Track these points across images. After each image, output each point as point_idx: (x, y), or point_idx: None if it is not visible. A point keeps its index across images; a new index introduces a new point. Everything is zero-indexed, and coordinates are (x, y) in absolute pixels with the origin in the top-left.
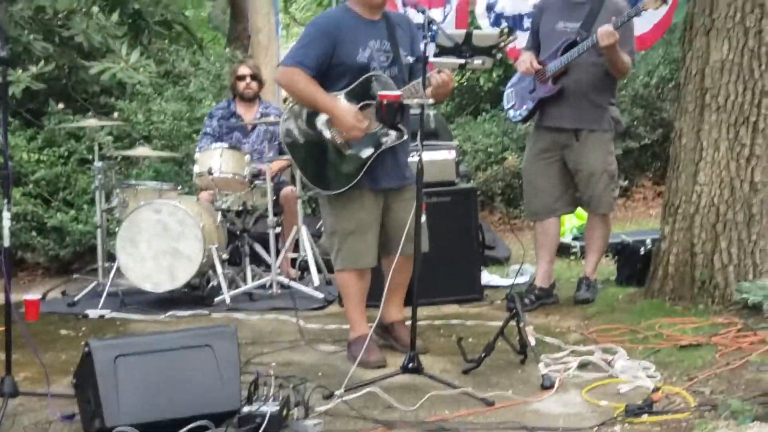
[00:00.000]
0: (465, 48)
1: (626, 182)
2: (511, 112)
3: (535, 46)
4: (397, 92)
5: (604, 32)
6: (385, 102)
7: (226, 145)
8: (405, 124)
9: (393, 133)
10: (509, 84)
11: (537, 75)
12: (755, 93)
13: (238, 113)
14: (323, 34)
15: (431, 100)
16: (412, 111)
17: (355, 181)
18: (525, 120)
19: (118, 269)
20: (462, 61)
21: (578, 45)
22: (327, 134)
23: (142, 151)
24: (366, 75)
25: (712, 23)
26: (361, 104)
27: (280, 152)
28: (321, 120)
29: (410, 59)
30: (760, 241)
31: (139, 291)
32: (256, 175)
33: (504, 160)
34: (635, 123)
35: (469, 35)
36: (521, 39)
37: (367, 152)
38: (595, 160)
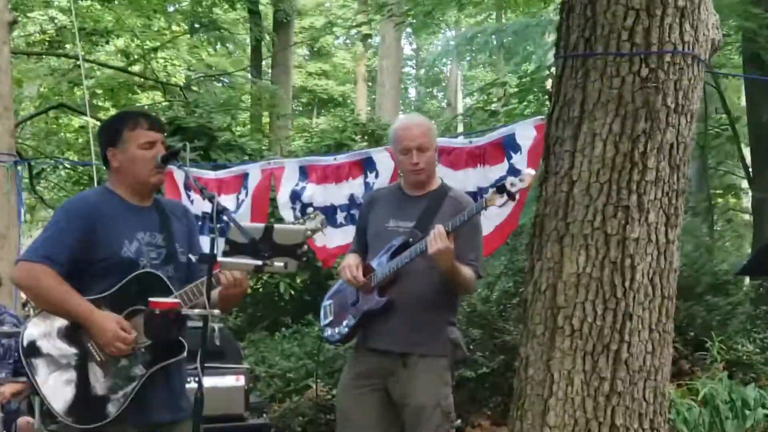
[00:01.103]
0: (263, 246)
1: (459, 421)
2: (328, 330)
3: (361, 247)
4: (172, 299)
5: (434, 235)
6: (157, 312)
7: None
8: (183, 338)
9: (168, 349)
10: (328, 294)
11: (362, 284)
12: (617, 315)
13: None
14: (78, 221)
15: (217, 311)
16: (191, 323)
17: (117, 412)
18: (345, 340)
19: None
20: (259, 262)
21: (411, 247)
22: (82, 349)
23: None
24: (134, 273)
25: (566, 228)
26: (128, 310)
27: (15, 372)
28: (79, 331)
29: (190, 257)
30: None
31: None
32: None
33: (307, 388)
34: (471, 347)
35: (268, 230)
36: (331, 236)
37: (133, 373)
38: (425, 392)
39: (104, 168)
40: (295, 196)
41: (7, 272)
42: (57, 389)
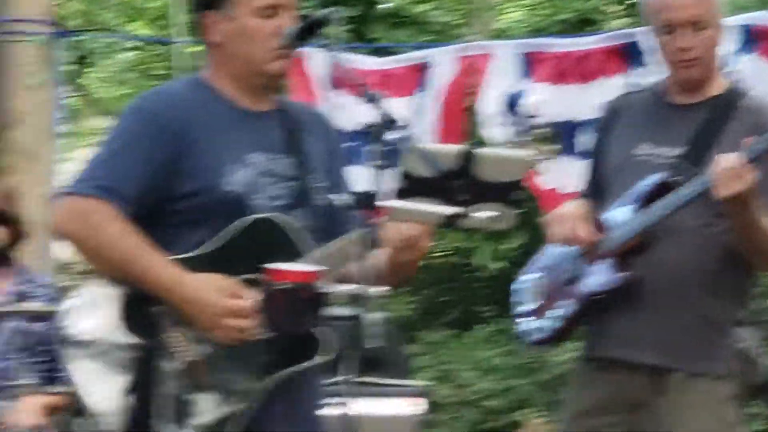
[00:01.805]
0: (458, 183)
1: None
2: (529, 323)
3: (594, 189)
4: (308, 269)
5: (724, 168)
6: (281, 287)
7: None
8: (323, 333)
9: (296, 349)
10: (530, 267)
11: (587, 249)
12: None
13: None
14: (156, 133)
15: (378, 290)
16: (336, 309)
17: None
18: (556, 339)
19: None
20: (452, 210)
21: (675, 191)
22: (166, 339)
23: None
24: (243, 221)
25: None
26: (239, 278)
27: (50, 377)
28: (154, 309)
29: (335, 198)
30: None
31: None
32: None
33: (516, 427)
34: None
35: (467, 156)
36: (566, 171)
37: (236, 384)
38: None
39: (196, 46)
40: (511, 104)
41: (35, 214)
42: (113, 404)
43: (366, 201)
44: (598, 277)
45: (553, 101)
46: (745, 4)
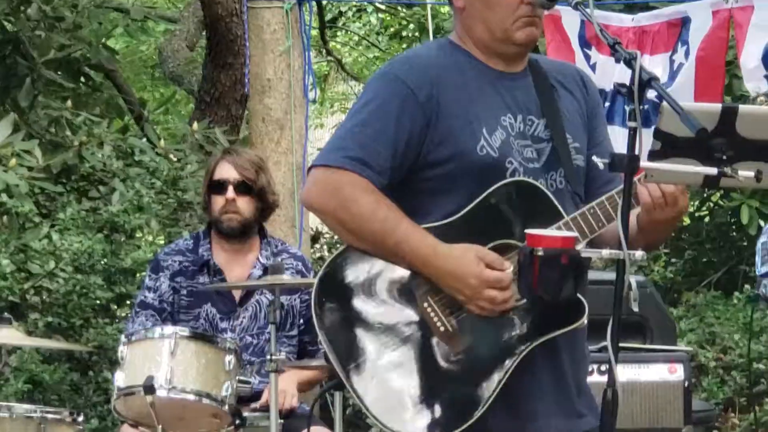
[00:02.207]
0: (719, 142)
1: None
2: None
3: None
4: (567, 233)
5: None
6: (540, 253)
7: (186, 331)
8: (582, 296)
9: (556, 315)
10: None
11: None
12: None
13: (216, 264)
14: (410, 100)
15: (639, 253)
16: (594, 274)
17: (472, 420)
18: None
19: None
20: (713, 169)
21: None
22: (416, 314)
23: (5, 335)
24: (500, 184)
25: None
26: (492, 245)
27: (302, 351)
28: (409, 281)
29: (593, 159)
30: None
31: None
32: (249, 399)
33: None
34: None
35: (729, 114)
36: None
37: (502, 353)
38: None
39: (446, 8)
40: None
41: (286, 183)
42: (377, 380)
43: (624, 162)
44: None
45: None
46: None
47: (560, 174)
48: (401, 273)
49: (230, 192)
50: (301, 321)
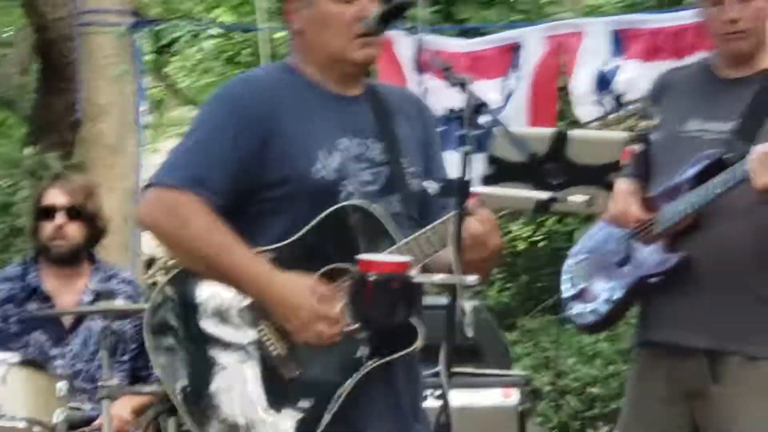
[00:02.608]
0: (551, 167)
1: None
2: (576, 307)
3: (641, 168)
4: (399, 258)
5: (760, 155)
6: (372, 278)
7: (15, 358)
8: (417, 322)
9: (391, 339)
10: (576, 248)
11: (638, 229)
12: None
13: (45, 291)
14: (245, 119)
15: (471, 278)
16: (428, 299)
17: None
18: (603, 324)
19: None
20: (544, 194)
21: (729, 169)
22: (252, 336)
23: None
24: (334, 208)
25: None
26: (323, 270)
27: (134, 377)
28: (239, 306)
29: (426, 185)
30: None
31: None
32: (80, 425)
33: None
34: None
35: (560, 139)
36: None
37: (335, 377)
38: (755, 426)
39: (281, 32)
40: (604, 82)
41: (120, 208)
42: (202, 403)
43: (456, 187)
44: (651, 258)
45: (646, 78)
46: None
47: (397, 198)
48: (235, 296)
49: (59, 218)
50: (134, 346)
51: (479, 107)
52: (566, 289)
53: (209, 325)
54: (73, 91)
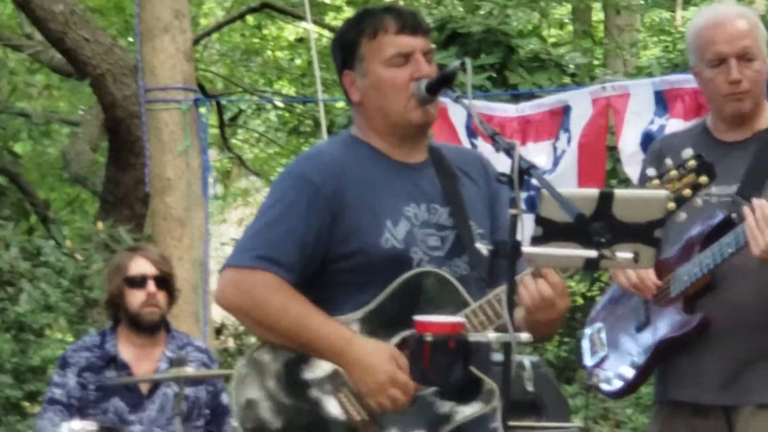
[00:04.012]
0: (599, 226)
1: None
2: (600, 374)
3: None
4: (454, 319)
5: (757, 219)
6: (429, 339)
7: (94, 426)
8: (492, 381)
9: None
10: (593, 314)
11: (655, 294)
12: None
13: (123, 360)
14: (312, 196)
15: (525, 335)
16: (496, 356)
17: None
18: (629, 390)
19: None
20: (593, 253)
21: (735, 229)
22: (332, 404)
23: None
24: (406, 276)
25: None
26: (402, 337)
27: None
28: (318, 375)
29: (481, 247)
30: None
31: None
32: None
33: None
34: None
35: (606, 198)
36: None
37: None
38: None
39: (340, 104)
40: (650, 141)
41: (189, 278)
42: None
43: (506, 249)
44: (669, 321)
45: None
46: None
47: (464, 260)
48: (320, 365)
49: (151, 286)
50: (207, 411)
51: (527, 170)
52: (588, 358)
53: (293, 396)
54: (142, 166)
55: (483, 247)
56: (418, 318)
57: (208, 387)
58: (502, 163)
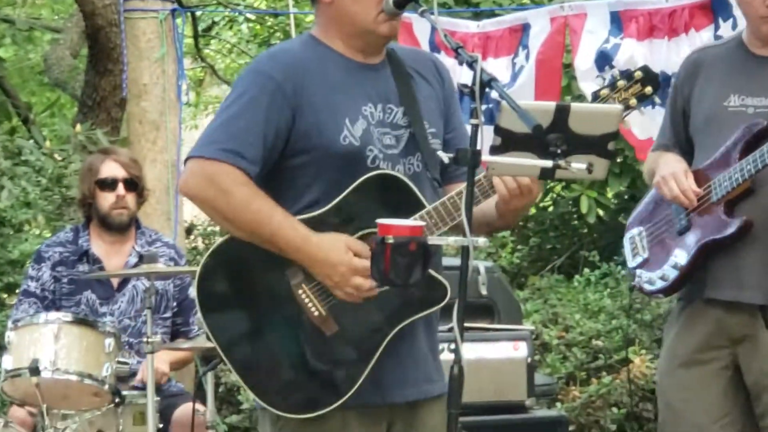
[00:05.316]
0: (554, 137)
1: None
2: (643, 275)
3: (680, 141)
4: (415, 222)
5: None
6: (391, 241)
7: (68, 317)
8: (444, 280)
9: (420, 297)
10: (634, 217)
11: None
12: None
13: (95, 255)
14: (274, 92)
15: (482, 239)
16: (447, 260)
17: (346, 397)
18: (671, 290)
19: None
20: (548, 163)
21: None
22: (296, 298)
23: None
24: (364, 177)
25: None
26: (360, 233)
27: (176, 332)
28: (278, 271)
29: (443, 155)
30: None
31: None
32: (127, 378)
33: (626, 363)
34: None
35: (562, 111)
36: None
37: (373, 338)
38: None
39: (309, 18)
40: (604, 59)
41: (161, 179)
42: (247, 360)
43: (467, 157)
44: (711, 225)
45: (642, 55)
46: None
47: (417, 159)
48: (278, 261)
49: (120, 189)
50: (174, 304)
51: (489, 82)
52: (630, 260)
53: (253, 289)
54: (119, 72)
55: (444, 155)
56: (381, 221)
57: (175, 281)
58: (463, 77)
